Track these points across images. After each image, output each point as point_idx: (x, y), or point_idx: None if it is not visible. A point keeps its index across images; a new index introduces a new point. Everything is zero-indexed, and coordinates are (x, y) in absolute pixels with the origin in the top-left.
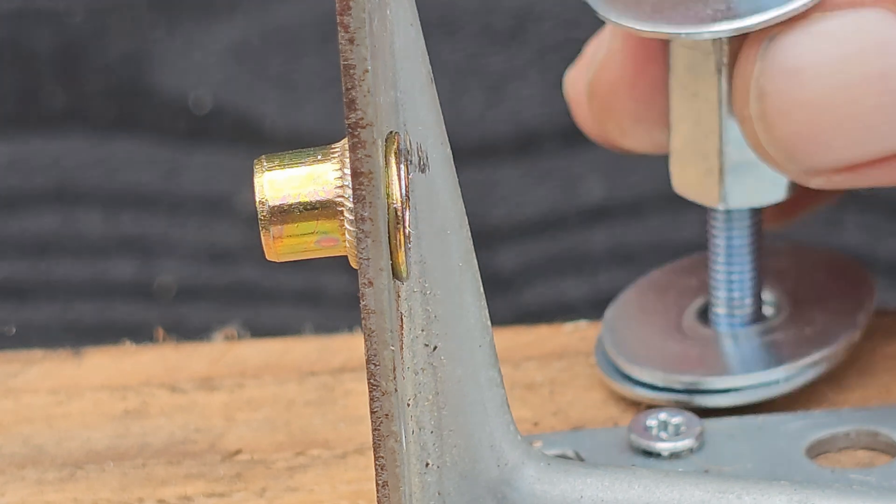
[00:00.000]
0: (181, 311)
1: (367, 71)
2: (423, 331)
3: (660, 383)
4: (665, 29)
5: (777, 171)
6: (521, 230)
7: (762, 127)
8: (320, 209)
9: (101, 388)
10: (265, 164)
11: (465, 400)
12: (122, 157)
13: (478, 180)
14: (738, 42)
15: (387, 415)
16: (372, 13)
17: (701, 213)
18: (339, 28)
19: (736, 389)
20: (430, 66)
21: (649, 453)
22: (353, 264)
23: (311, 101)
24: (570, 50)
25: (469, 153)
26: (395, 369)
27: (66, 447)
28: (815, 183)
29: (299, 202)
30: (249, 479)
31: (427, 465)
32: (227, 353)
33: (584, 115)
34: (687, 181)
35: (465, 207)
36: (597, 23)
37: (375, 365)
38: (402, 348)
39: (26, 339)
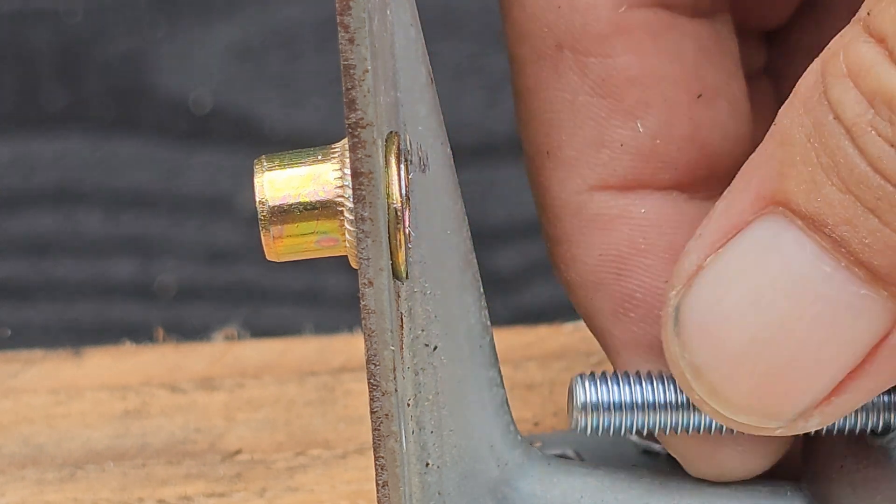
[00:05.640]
0: (181, 311)
1: (367, 71)
2: (423, 331)
3: None
4: None
5: (767, 434)
6: (521, 230)
7: (718, 403)
8: (320, 209)
9: (101, 388)
10: (265, 164)
11: (465, 400)
12: (122, 157)
13: (478, 180)
14: None
15: (387, 415)
16: (372, 13)
17: None
18: (339, 28)
19: None
20: (430, 66)
21: (649, 453)
22: (353, 264)
23: (311, 101)
24: None
25: (469, 153)
26: (395, 369)
27: (66, 447)
28: (814, 424)
29: (299, 202)
30: (249, 479)
31: (427, 465)
32: (227, 353)
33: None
34: None
35: (465, 207)
36: None
37: (375, 365)
38: (402, 348)
39: (26, 339)
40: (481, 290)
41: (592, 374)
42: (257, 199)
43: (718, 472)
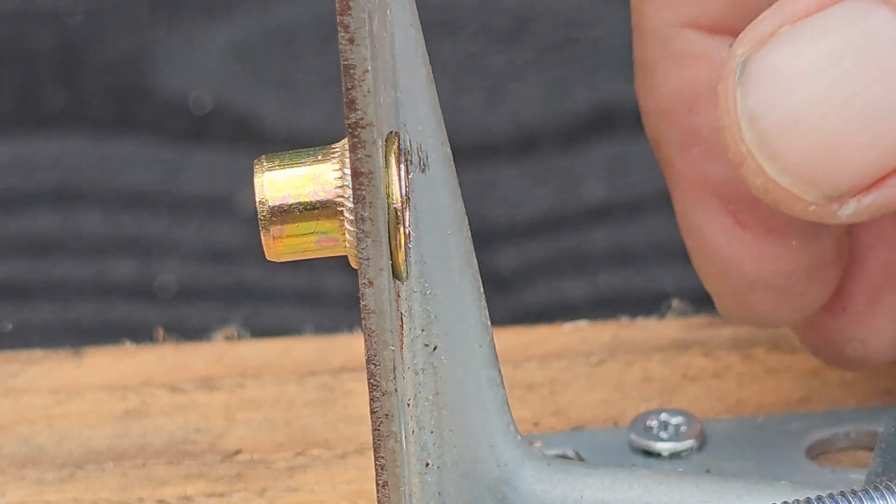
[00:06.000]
0: (181, 311)
1: (367, 71)
2: (423, 331)
3: None
4: None
5: (797, 215)
6: (521, 230)
7: (766, 156)
8: (320, 209)
9: (101, 388)
10: (265, 164)
11: (465, 400)
12: (122, 157)
13: (478, 180)
14: None
15: (387, 415)
16: (372, 13)
17: None
18: (339, 28)
19: None
20: (430, 67)
21: (649, 453)
22: (353, 264)
23: (311, 101)
24: (570, 50)
25: (469, 153)
26: (395, 369)
27: (66, 447)
28: (845, 215)
29: (299, 202)
30: (249, 479)
31: (427, 465)
32: (227, 353)
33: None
34: None
35: (465, 207)
36: (594, 21)
37: (375, 365)
38: (402, 348)
39: (26, 339)
40: (481, 290)
41: None
42: (257, 199)
43: (745, 315)
